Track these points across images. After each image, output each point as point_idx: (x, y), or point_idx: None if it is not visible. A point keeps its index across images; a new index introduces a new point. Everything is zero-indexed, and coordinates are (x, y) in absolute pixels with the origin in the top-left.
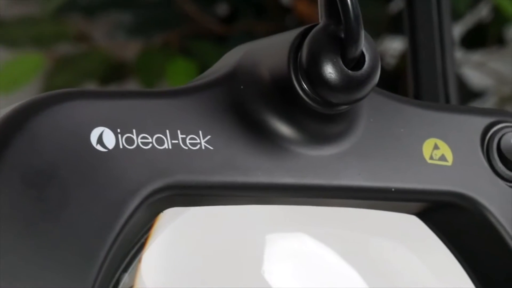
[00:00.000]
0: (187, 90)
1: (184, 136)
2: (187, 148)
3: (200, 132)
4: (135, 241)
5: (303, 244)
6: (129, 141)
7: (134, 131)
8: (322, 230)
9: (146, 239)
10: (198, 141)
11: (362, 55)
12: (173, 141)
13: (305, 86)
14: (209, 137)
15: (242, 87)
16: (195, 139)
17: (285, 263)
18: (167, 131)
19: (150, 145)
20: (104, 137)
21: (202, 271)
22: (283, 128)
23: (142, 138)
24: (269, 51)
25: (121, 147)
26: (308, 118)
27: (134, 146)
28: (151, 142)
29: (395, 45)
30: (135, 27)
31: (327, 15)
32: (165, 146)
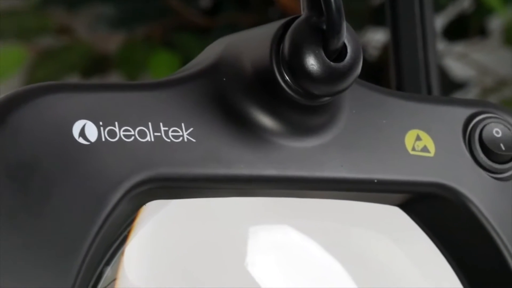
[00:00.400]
0: (169, 83)
1: (166, 128)
2: (169, 140)
3: (183, 124)
4: (118, 234)
5: (286, 236)
6: (112, 134)
7: (116, 123)
8: (305, 222)
9: (129, 232)
10: (181, 133)
11: (344, 46)
12: (155, 134)
13: (287, 78)
14: (191, 129)
15: (224, 79)
16: (178, 132)
17: (268, 255)
18: (150, 123)
19: (133, 137)
20: (86, 130)
21: (185, 264)
22: (266, 120)
23: (124, 130)
24: (251, 43)
25: (103, 140)
26: (291, 109)
27: (116, 139)
28: (134, 135)
29: (377, 37)
30: (118, 20)
31: (309, 7)
32: (148, 138)
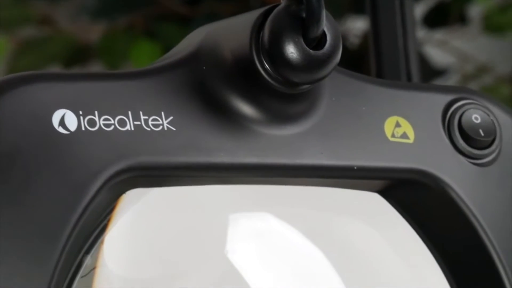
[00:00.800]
0: (149, 72)
1: (146, 117)
2: (149, 129)
3: (163, 113)
4: (98, 223)
5: (266, 223)
6: (91, 123)
7: (96, 113)
8: (285, 209)
9: (109, 221)
10: (161, 122)
11: (324, 34)
12: (135, 123)
13: (267, 66)
14: (171, 118)
15: (204, 67)
16: (158, 120)
17: (249, 243)
18: (129, 112)
19: (112, 126)
20: (66, 120)
21: (165, 252)
22: (246, 108)
23: (104, 120)
24: (231, 32)
25: (83, 129)
26: (270, 97)
27: (96, 128)
28: (113, 124)
29: (358, 25)
30: (99, 10)
31: None
32: (127, 127)
